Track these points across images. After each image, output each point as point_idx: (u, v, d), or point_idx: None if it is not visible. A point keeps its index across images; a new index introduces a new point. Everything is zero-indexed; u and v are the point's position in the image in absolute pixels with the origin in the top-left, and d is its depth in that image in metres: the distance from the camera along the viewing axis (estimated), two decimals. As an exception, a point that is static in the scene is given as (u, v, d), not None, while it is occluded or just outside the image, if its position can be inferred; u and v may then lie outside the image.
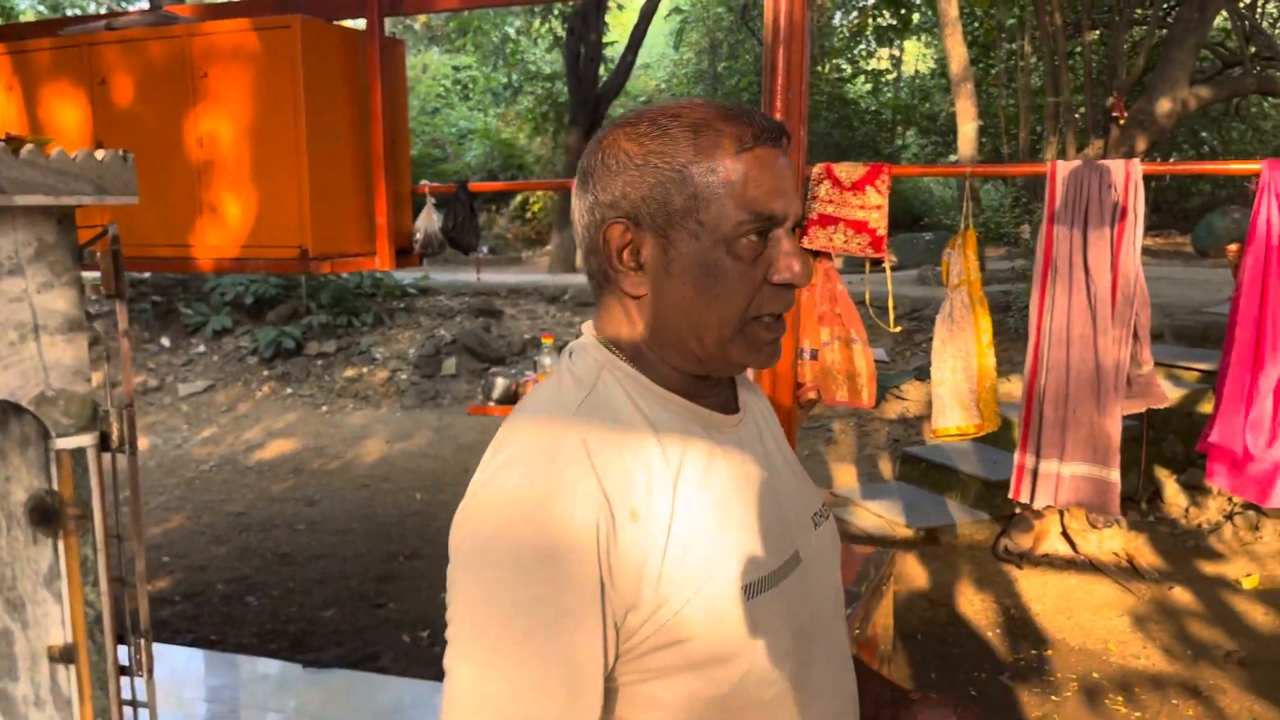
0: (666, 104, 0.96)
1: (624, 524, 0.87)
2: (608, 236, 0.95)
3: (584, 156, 0.99)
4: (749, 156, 0.92)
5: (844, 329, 2.89)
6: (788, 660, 0.94)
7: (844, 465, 6.66)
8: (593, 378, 0.96)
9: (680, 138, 0.92)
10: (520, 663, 0.84)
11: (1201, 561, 4.97)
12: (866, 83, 17.47)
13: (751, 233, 0.92)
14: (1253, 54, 12.13)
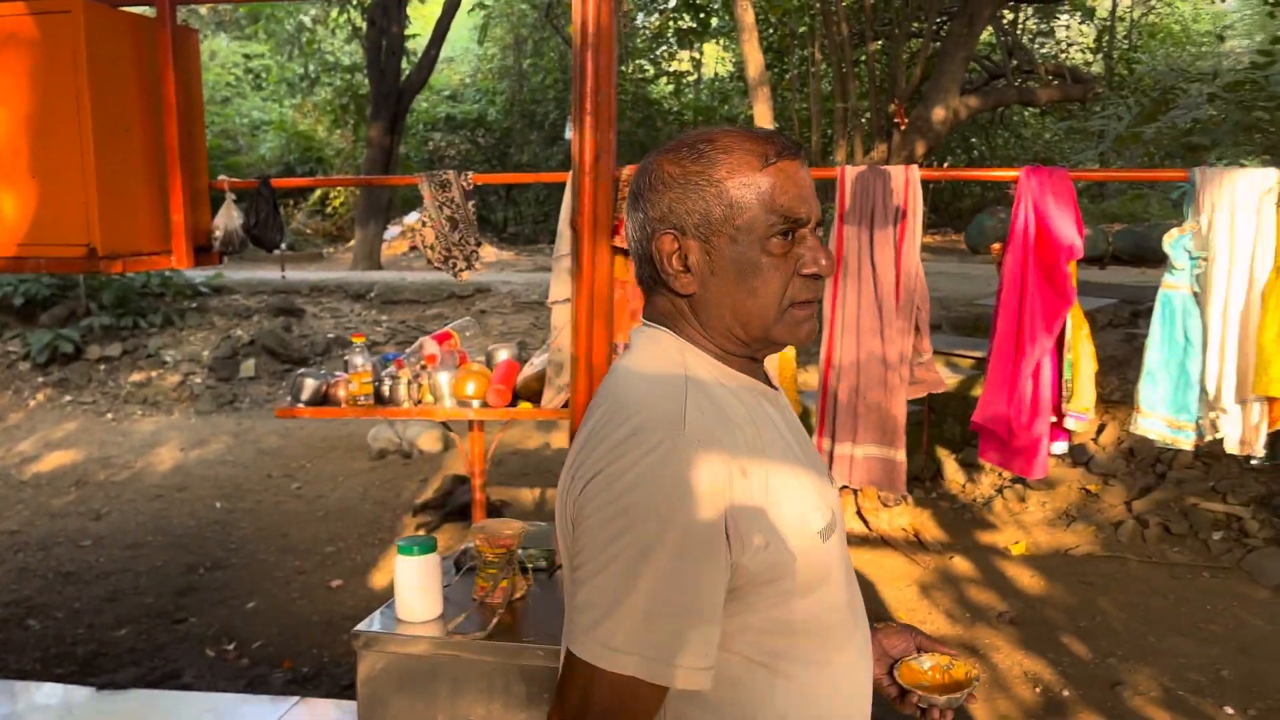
0: (700, 131, 1.14)
1: (738, 479, 1.04)
2: (659, 246, 1.12)
3: (632, 180, 1.17)
4: (774, 169, 1.10)
5: (655, 324, 3.00)
6: (845, 591, 1.14)
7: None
8: (680, 356, 1.12)
9: (715, 158, 1.10)
10: (664, 569, 0.99)
11: (978, 532, 5.43)
12: (669, 84, 17.90)
13: (781, 233, 1.10)
14: (1014, 67, 13.27)
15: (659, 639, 0.99)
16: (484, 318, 9.56)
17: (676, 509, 1.00)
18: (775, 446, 1.11)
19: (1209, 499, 5.20)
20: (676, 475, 1.01)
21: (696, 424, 1.04)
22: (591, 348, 2.92)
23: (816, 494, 1.14)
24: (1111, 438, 5.93)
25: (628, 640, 0.98)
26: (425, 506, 5.75)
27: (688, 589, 1.00)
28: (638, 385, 1.10)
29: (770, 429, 1.13)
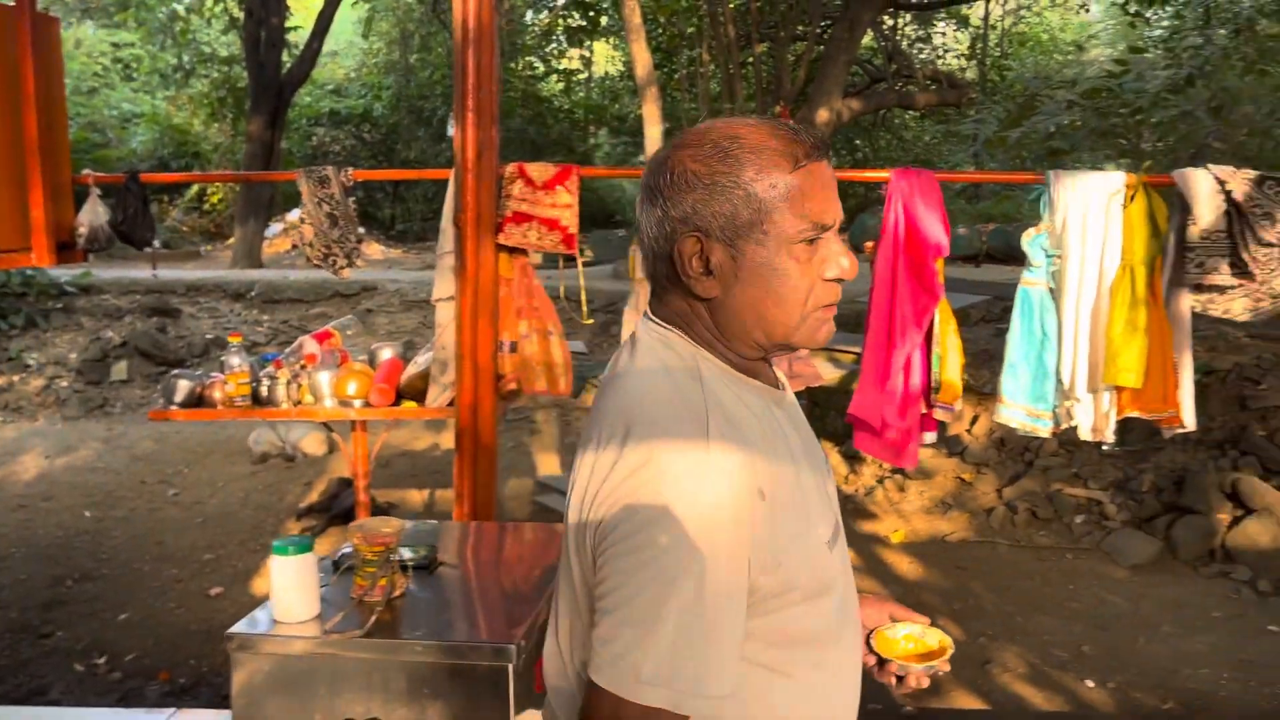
0: (722, 125, 1.08)
1: (758, 503, 1.01)
2: (681, 249, 1.07)
3: (649, 175, 1.10)
4: (804, 172, 1.05)
5: (541, 322, 3.01)
6: (845, 590, 1.14)
7: (548, 454, 6.84)
8: (694, 365, 1.08)
9: (742, 158, 1.05)
10: (692, 598, 0.97)
11: (860, 521, 5.61)
12: (559, 81, 17.88)
13: (808, 238, 1.06)
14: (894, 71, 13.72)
15: (686, 671, 0.98)
16: (370, 317, 9.39)
17: (703, 539, 0.97)
18: (786, 459, 1.09)
19: (1072, 485, 5.48)
20: (703, 504, 0.98)
21: (719, 448, 1.00)
22: (476, 345, 2.91)
23: (822, 501, 1.13)
24: (984, 428, 6.20)
25: (655, 672, 0.97)
26: (309, 510, 5.62)
27: (714, 619, 0.98)
28: (654, 399, 1.05)
29: (780, 439, 1.10)
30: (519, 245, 2.91)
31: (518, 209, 2.89)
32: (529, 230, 2.89)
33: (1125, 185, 2.84)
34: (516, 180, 2.91)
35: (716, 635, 0.99)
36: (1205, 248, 2.81)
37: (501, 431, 7.32)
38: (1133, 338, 2.81)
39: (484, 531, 2.21)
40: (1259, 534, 4.70)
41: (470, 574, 1.91)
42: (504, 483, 6.25)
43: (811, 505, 1.10)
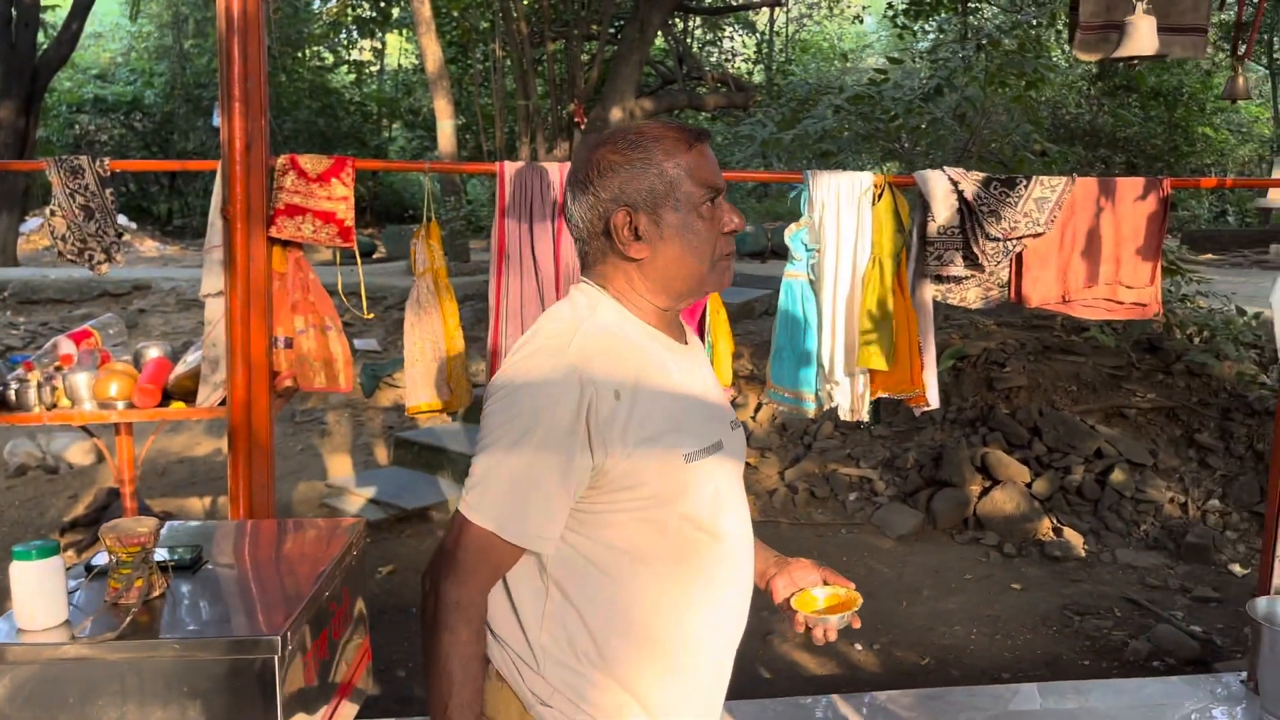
0: (627, 127, 1.39)
1: (607, 398, 1.30)
2: (615, 221, 1.36)
3: (575, 171, 1.40)
4: (696, 151, 1.38)
5: (319, 316, 2.96)
6: (707, 508, 1.38)
7: (339, 456, 6.66)
8: (595, 303, 1.40)
9: (651, 146, 1.36)
10: (526, 455, 1.29)
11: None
12: (350, 73, 17.34)
13: (709, 200, 1.38)
14: (685, 73, 14.14)
15: (514, 507, 1.29)
16: (143, 317, 8.83)
17: (543, 410, 1.28)
18: (658, 380, 1.37)
19: (846, 465, 5.87)
20: (549, 384, 1.29)
21: (578, 349, 1.31)
22: (249, 342, 2.83)
23: (696, 424, 1.40)
24: (767, 415, 6.52)
25: (492, 504, 1.29)
26: (75, 524, 5.25)
27: (542, 472, 1.28)
28: (549, 319, 1.39)
29: (659, 370, 1.38)
30: (292, 239, 2.85)
31: (290, 201, 2.83)
32: (303, 223, 2.84)
33: (874, 184, 3.09)
34: (289, 172, 2.85)
35: (543, 485, 1.29)
36: (942, 242, 3.09)
37: (290, 433, 7.08)
38: (881, 324, 3.06)
39: (259, 529, 2.16)
40: (1004, 502, 5.19)
41: (239, 572, 1.87)
42: (293, 487, 6.04)
43: (679, 423, 1.37)
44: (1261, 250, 12.52)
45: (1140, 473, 5.41)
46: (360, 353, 7.95)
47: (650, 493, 1.33)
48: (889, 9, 8.84)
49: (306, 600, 1.67)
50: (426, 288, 2.96)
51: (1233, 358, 5.85)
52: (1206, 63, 11.43)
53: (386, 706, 3.49)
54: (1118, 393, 5.92)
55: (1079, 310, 3.37)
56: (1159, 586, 4.63)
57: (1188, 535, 4.98)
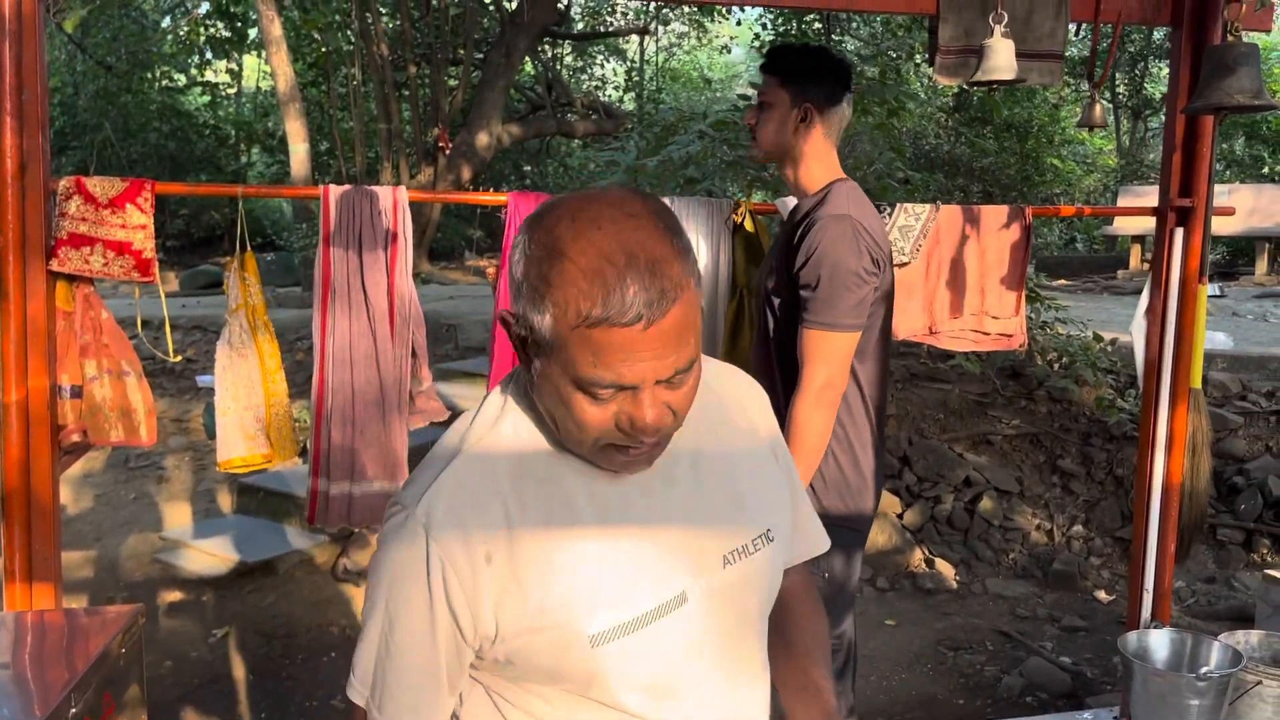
0: (569, 224, 0.95)
1: (471, 566, 1.01)
2: (504, 319, 1.03)
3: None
4: (591, 333, 0.93)
5: (114, 361, 2.59)
6: (637, 698, 1.04)
7: (178, 504, 6.14)
8: (501, 414, 1.08)
9: (555, 281, 0.94)
10: (387, 637, 1.04)
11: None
12: (204, 94, 16.53)
13: (593, 392, 0.97)
14: (554, 99, 13.96)
15: (378, 688, 1.07)
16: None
17: (390, 585, 1.04)
18: (558, 534, 1.03)
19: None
20: (396, 553, 1.04)
21: (434, 505, 1.03)
22: (27, 392, 2.45)
23: (627, 584, 1.04)
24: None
25: (361, 678, 1.08)
26: None
27: (397, 658, 1.05)
28: (440, 441, 1.10)
29: (566, 513, 1.04)
30: (79, 272, 2.48)
31: (75, 230, 2.47)
32: (91, 255, 2.48)
33: (733, 211, 2.92)
34: (73, 197, 2.49)
35: (397, 670, 1.05)
36: (807, 272, 2.94)
37: (122, 480, 6.50)
38: (745, 361, 2.88)
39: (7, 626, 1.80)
40: (876, 534, 5.10)
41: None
42: (122, 541, 5.51)
43: (596, 590, 1.03)
44: (1110, 275, 13.10)
45: (1007, 500, 5.42)
46: (204, 391, 7.41)
47: (543, 678, 1.05)
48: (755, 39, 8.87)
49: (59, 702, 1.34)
50: (240, 326, 2.63)
51: (1091, 383, 5.96)
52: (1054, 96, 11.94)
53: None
54: (984, 419, 5.95)
55: (945, 342, 3.28)
56: (1028, 617, 4.60)
57: (1054, 563, 4.99)
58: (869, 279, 2.18)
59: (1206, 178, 2.98)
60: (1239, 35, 2.55)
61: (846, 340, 2.17)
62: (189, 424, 7.11)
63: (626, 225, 0.94)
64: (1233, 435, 5.63)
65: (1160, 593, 3.29)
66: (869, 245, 2.19)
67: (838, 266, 2.14)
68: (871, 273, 2.18)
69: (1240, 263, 14.17)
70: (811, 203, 2.30)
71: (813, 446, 2.17)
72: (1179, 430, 3.16)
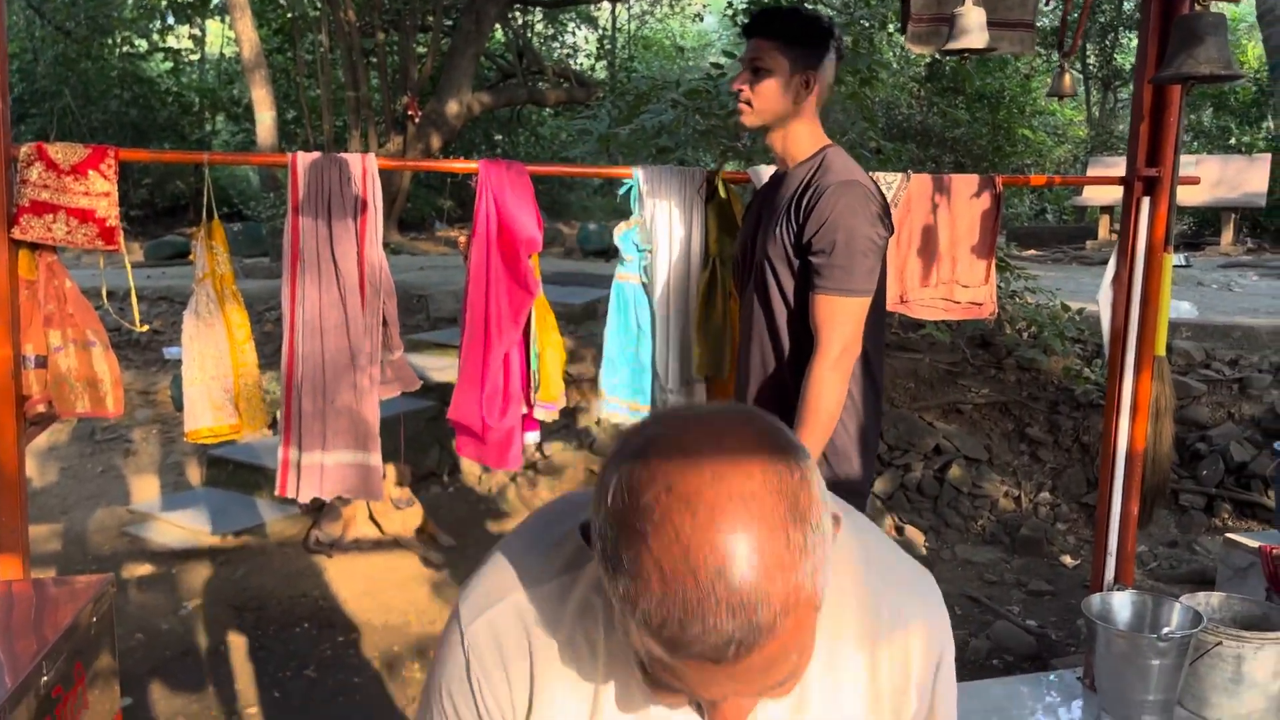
0: (684, 472, 0.72)
1: (505, 709, 0.94)
2: (586, 531, 0.82)
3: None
4: (655, 638, 0.73)
5: (79, 331, 2.55)
6: None
7: (145, 477, 6.09)
8: (577, 572, 0.92)
9: (626, 547, 0.73)
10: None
11: (492, 522, 5.50)
12: (166, 61, 16.21)
13: (665, 691, 0.80)
14: (525, 68, 13.82)
15: None
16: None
17: (445, 689, 0.96)
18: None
19: (691, 469, 5.74)
20: (448, 663, 0.96)
21: (479, 638, 0.93)
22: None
23: None
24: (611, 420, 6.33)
25: None
26: None
27: None
28: (503, 557, 0.97)
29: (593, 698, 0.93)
30: (41, 240, 2.44)
31: (37, 197, 2.42)
32: (54, 222, 2.43)
33: (705, 180, 2.91)
34: (34, 163, 2.44)
35: None
36: (779, 241, 2.94)
37: (89, 454, 6.43)
38: (718, 332, 2.89)
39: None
40: (847, 502, 5.16)
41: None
42: (89, 514, 5.47)
43: None
44: (1079, 246, 13.22)
45: (976, 468, 5.48)
46: (171, 363, 7.33)
47: None
48: (729, 7, 8.82)
49: (9, 695, 1.33)
50: (207, 296, 2.59)
51: (1059, 353, 6.03)
52: (1026, 66, 11.96)
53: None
54: (954, 389, 6.01)
55: (916, 310, 3.30)
56: (996, 582, 4.68)
57: (1021, 529, 5.06)
58: (881, 243, 2.22)
59: (1173, 147, 3.01)
60: (1207, 5, 2.57)
61: (861, 305, 2.19)
62: (156, 397, 7.04)
63: (731, 514, 0.70)
64: (1196, 403, 5.72)
65: (1123, 556, 3.35)
66: (879, 210, 2.22)
67: (853, 233, 2.16)
68: (884, 236, 2.23)
69: (1206, 233, 14.34)
70: (807, 169, 2.31)
71: (830, 413, 2.18)
72: (1143, 397, 3.21)
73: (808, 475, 0.75)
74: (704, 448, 0.73)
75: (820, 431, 2.17)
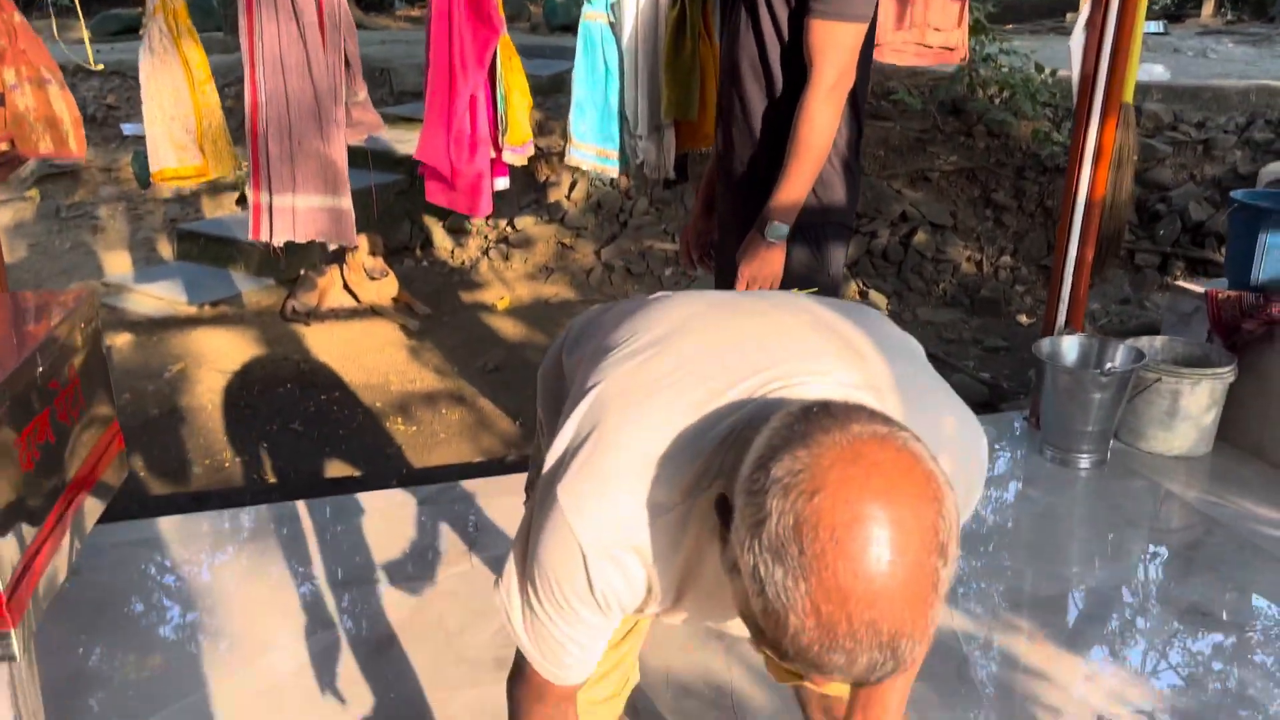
0: (851, 520, 0.73)
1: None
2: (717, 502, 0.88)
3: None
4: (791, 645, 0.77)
5: (33, 69, 2.50)
6: None
7: (116, 253, 6.07)
8: (680, 521, 0.95)
9: (782, 574, 0.75)
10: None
11: (465, 293, 5.58)
12: None
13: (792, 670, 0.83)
14: None
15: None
16: None
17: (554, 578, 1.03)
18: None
19: (661, 240, 5.79)
20: (556, 560, 0.99)
21: (608, 567, 0.97)
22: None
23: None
24: (582, 193, 6.31)
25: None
26: None
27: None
28: (624, 467, 0.96)
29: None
30: (-18, -31, 2.35)
31: (-28, -80, 2.31)
32: (-7, -51, 2.33)
33: (677, -90, 2.80)
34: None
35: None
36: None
37: (56, 231, 6.37)
38: (687, 72, 2.86)
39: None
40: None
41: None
42: (63, 287, 5.48)
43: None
44: (1059, 19, 12.86)
45: (941, 234, 5.57)
46: (130, 139, 7.15)
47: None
48: None
49: (8, 375, 1.41)
50: (160, 31, 2.53)
51: (1030, 116, 6.00)
52: None
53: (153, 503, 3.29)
54: (922, 156, 6.01)
55: (888, 55, 3.27)
56: (954, 340, 4.86)
57: (981, 290, 5.21)
58: None
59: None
60: None
61: (858, 32, 2.11)
62: (118, 174, 6.91)
63: (891, 571, 0.73)
64: (1160, 165, 5.77)
65: (1075, 301, 3.49)
66: None
67: None
68: None
69: (1188, 6, 13.97)
70: None
71: (823, 145, 2.14)
72: (1107, 143, 3.25)
73: (951, 513, 0.77)
74: (872, 495, 0.74)
75: (812, 164, 2.13)
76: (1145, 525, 3.02)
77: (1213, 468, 3.35)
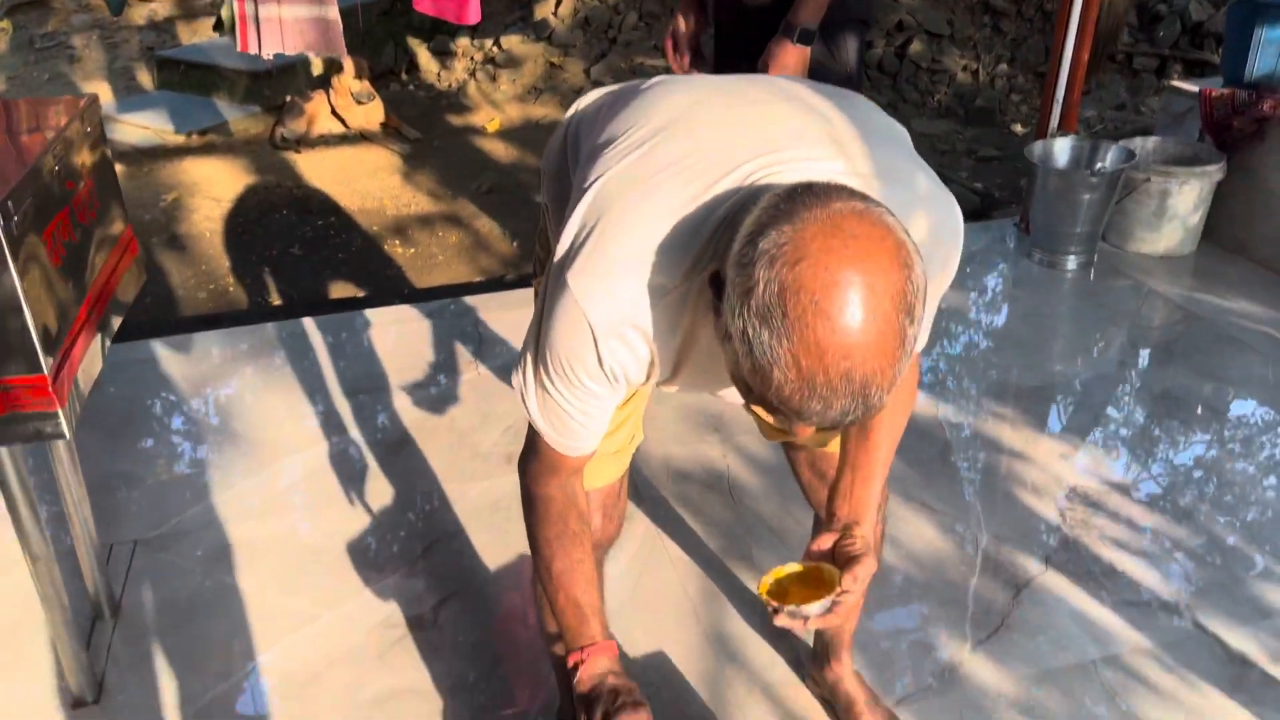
0: (828, 287, 0.80)
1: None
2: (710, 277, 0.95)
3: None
4: (772, 395, 0.86)
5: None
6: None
7: (95, 83, 5.94)
8: (680, 301, 1.02)
9: (766, 335, 0.83)
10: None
11: (454, 116, 5.51)
12: None
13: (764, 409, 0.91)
14: None
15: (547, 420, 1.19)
16: None
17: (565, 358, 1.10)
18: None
19: (652, 56, 5.67)
20: (568, 341, 1.06)
21: (616, 347, 1.05)
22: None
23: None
24: (568, 10, 6.14)
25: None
26: None
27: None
28: (628, 251, 1.02)
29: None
30: None
31: None
32: None
33: None
34: None
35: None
36: None
37: (31, 62, 6.22)
38: None
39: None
40: (808, 80, 5.19)
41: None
42: (47, 118, 5.39)
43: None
44: None
45: (937, 43, 5.46)
46: (97, -36, 6.87)
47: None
48: None
49: (29, 170, 1.45)
50: None
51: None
52: None
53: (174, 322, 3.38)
54: (920, -39, 5.82)
55: None
56: (948, 150, 4.85)
57: (977, 100, 5.15)
58: None
59: None
60: None
61: None
62: (89, 0, 6.68)
63: (864, 329, 0.81)
64: (1164, -34, 5.61)
65: (1069, 103, 3.48)
66: None
67: None
68: None
69: None
70: None
71: None
72: (1108, -66, 3.17)
73: (919, 279, 0.85)
74: (848, 262, 0.81)
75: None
76: (1127, 321, 3.13)
77: (1197, 266, 3.43)
